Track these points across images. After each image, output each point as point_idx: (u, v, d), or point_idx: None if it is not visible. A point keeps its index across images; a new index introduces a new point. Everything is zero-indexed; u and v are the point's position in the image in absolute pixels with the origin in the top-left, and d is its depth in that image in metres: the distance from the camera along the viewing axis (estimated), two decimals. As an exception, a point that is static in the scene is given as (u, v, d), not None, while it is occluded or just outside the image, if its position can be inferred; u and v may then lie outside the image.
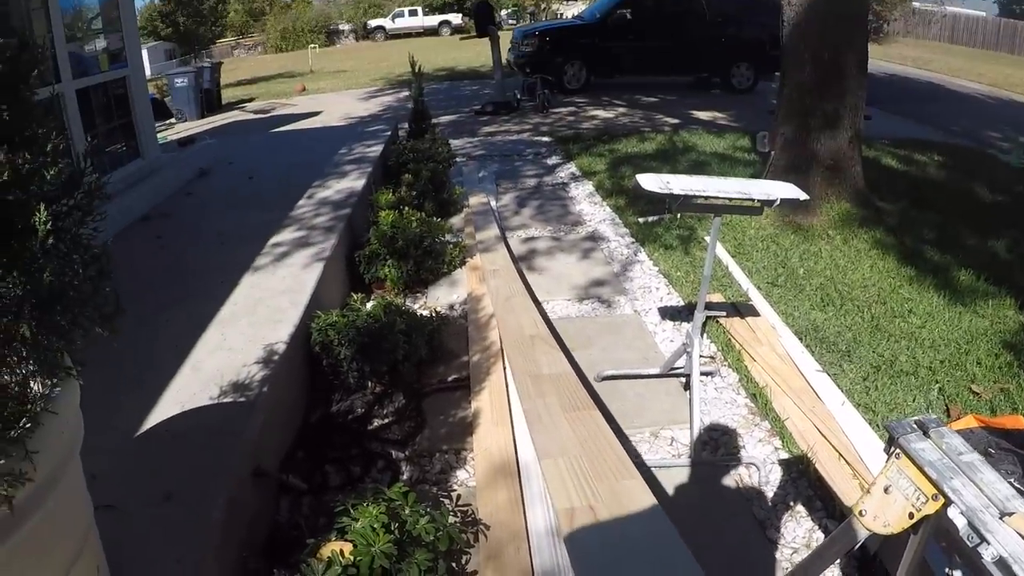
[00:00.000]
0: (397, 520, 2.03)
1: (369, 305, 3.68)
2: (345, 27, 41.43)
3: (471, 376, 3.39)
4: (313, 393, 3.27)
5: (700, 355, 3.22)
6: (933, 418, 1.68)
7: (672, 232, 5.48)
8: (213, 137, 8.84)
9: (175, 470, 2.21)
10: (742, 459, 2.91)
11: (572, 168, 7.92)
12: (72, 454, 1.48)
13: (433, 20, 39.98)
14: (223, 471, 2.22)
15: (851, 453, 2.82)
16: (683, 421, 3.15)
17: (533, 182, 7.44)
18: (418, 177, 5.68)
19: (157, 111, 10.16)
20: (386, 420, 3.16)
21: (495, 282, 4.10)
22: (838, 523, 2.38)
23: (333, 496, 2.51)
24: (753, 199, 2.99)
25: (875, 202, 5.90)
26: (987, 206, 6.42)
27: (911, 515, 1.56)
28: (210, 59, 25.08)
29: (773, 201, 2.96)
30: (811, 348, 3.70)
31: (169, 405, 2.56)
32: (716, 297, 4.32)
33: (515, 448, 2.79)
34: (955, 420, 2.58)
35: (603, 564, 1.84)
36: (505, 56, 13.69)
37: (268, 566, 2.14)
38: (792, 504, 2.65)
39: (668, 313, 4.24)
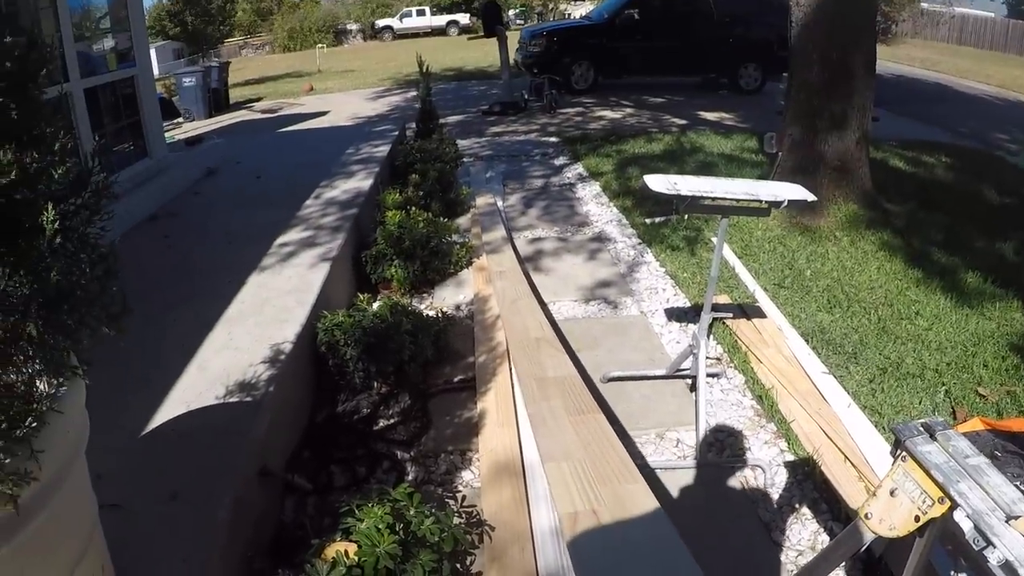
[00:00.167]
0: (402, 521, 2.03)
1: (375, 305, 3.68)
2: (353, 27, 41.48)
3: (477, 377, 3.39)
4: (319, 393, 3.27)
5: (706, 356, 3.22)
6: (939, 421, 1.67)
7: (679, 233, 5.48)
8: (221, 136, 8.86)
9: (181, 469, 2.21)
10: (748, 461, 2.91)
11: (579, 169, 7.92)
12: (78, 453, 1.49)
13: (441, 20, 40.00)
14: (229, 471, 2.23)
15: (857, 455, 2.81)
16: (689, 423, 3.14)
17: (540, 182, 7.44)
18: (425, 177, 5.68)
19: (165, 110, 10.22)
20: (392, 420, 3.16)
21: (501, 284, 4.11)
22: (844, 526, 2.37)
23: (338, 496, 2.51)
24: (760, 200, 2.99)
25: (882, 204, 5.88)
26: (995, 208, 6.38)
27: (917, 518, 1.56)
28: (218, 58, 25.14)
29: (780, 202, 2.95)
30: (817, 350, 3.69)
31: (175, 404, 2.57)
32: (723, 298, 4.31)
33: (520, 449, 2.79)
34: (961, 423, 2.56)
35: (605, 568, 1.83)
36: (513, 56, 13.68)
37: (273, 566, 2.15)
38: (797, 506, 2.64)
39: (674, 314, 4.23)
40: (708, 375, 3.38)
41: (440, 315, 3.98)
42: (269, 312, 3.33)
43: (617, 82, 14.39)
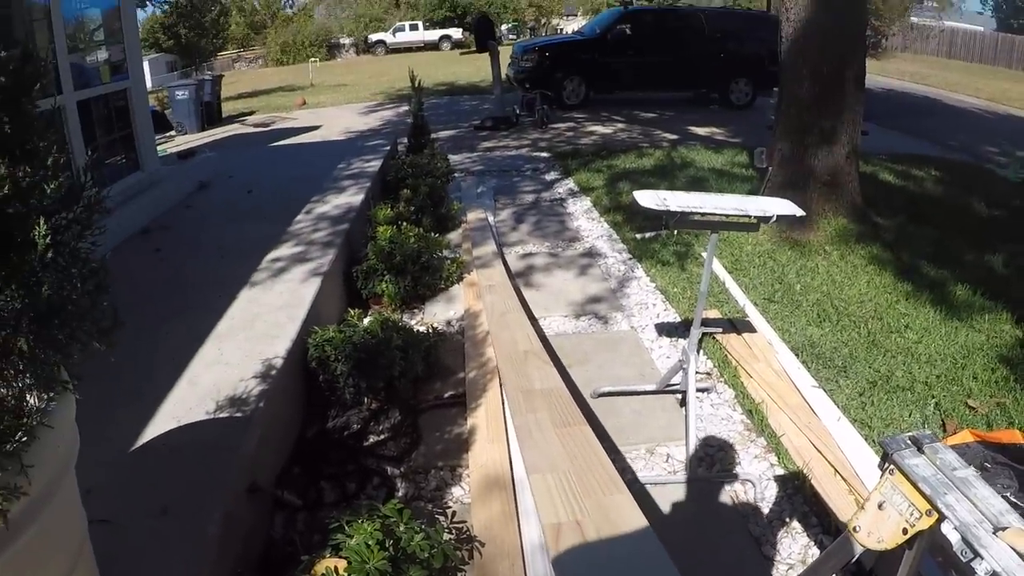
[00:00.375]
0: (392, 537, 2.02)
1: (366, 321, 3.68)
2: (346, 41, 41.65)
3: (467, 393, 3.38)
4: (309, 409, 3.26)
5: (696, 371, 3.23)
6: (927, 434, 1.68)
7: (669, 248, 5.50)
8: (213, 150, 8.86)
9: (171, 484, 2.21)
10: (738, 475, 2.91)
11: (570, 184, 7.95)
12: (67, 468, 1.48)
13: (434, 35, 40.24)
14: (219, 486, 2.22)
15: (847, 469, 2.82)
16: (679, 438, 3.14)
17: (531, 198, 7.46)
18: (416, 192, 5.69)
19: (157, 123, 10.21)
20: (382, 436, 3.15)
21: (491, 298, 4.11)
22: (834, 539, 2.38)
23: (328, 512, 2.50)
24: (750, 216, 3.00)
25: (872, 217, 5.92)
26: (984, 221, 6.45)
27: (905, 531, 1.57)
28: (211, 72, 25.18)
29: (769, 217, 2.97)
30: (807, 364, 3.71)
31: (166, 419, 2.56)
32: (713, 313, 4.32)
33: (510, 465, 2.79)
34: (951, 435, 2.58)
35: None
36: (505, 71, 13.76)
37: (263, 581, 2.14)
38: (788, 520, 2.65)
39: (665, 329, 4.24)
40: (698, 390, 3.39)
41: (431, 331, 3.97)
42: (260, 327, 3.32)
43: (609, 97, 14.50)
